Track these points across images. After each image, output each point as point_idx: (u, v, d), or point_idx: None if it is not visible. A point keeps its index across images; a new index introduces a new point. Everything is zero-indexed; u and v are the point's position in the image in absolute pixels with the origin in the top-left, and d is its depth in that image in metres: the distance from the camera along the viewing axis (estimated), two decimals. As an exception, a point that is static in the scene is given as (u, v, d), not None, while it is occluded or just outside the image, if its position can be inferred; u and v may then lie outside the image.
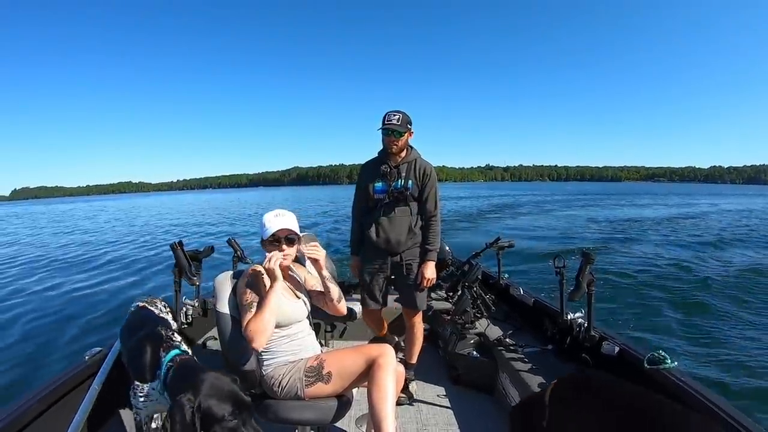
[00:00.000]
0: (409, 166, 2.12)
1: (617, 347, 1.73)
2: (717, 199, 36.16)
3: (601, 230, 14.54)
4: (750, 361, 3.98)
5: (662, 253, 9.52)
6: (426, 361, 2.74)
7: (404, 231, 2.12)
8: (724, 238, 11.95)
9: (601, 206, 27.04)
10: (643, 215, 19.98)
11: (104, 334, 4.54)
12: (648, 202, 32.39)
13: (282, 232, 1.56)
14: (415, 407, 2.21)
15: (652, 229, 14.55)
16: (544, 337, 2.31)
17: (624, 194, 49.73)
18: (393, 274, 2.22)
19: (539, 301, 2.54)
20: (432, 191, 2.15)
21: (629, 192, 60.77)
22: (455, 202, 31.39)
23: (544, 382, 1.87)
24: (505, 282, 3.00)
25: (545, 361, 2.07)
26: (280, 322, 1.55)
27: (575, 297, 1.84)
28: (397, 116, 2.02)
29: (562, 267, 2.06)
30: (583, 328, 1.93)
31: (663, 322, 5.07)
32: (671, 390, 1.44)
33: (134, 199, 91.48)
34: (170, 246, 2.13)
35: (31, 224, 25.38)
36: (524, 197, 40.49)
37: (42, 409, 1.31)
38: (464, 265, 2.84)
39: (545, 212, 22.66)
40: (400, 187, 2.10)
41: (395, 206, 2.11)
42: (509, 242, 2.90)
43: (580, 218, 19.00)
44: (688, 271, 7.59)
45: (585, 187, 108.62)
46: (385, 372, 1.43)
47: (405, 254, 2.16)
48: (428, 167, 2.16)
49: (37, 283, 7.35)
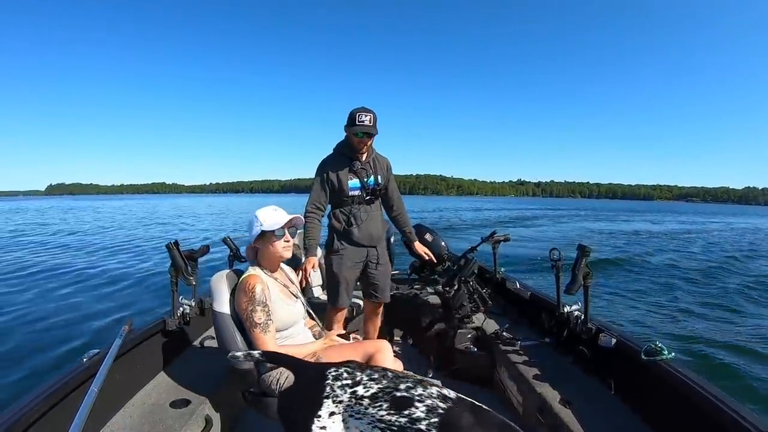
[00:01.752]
0: (375, 163, 2.21)
1: (614, 339, 1.73)
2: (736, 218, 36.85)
3: (607, 240, 14.96)
4: (748, 353, 4.02)
5: (664, 254, 9.67)
6: (424, 356, 2.75)
7: (380, 224, 2.27)
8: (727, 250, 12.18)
9: (615, 221, 28.18)
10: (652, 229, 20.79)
11: (103, 336, 4.53)
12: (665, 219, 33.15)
13: (296, 220, 1.61)
14: None
15: (657, 238, 14.91)
16: (542, 330, 2.32)
17: (645, 212, 50.43)
18: (365, 268, 2.28)
19: (536, 295, 2.55)
20: (394, 183, 2.36)
21: (652, 210, 61.35)
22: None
23: (541, 374, 1.88)
24: (501, 276, 3.01)
25: (543, 354, 2.08)
26: (279, 327, 1.55)
27: (572, 290, 1.85)
28: (368, 116, 2.00)
29: (558, 260, 2.07)
30: (580, 320, 1.94)
31: (660, 314, 5.11)
32: (668, 381, 1.44)
33: (160, 200, 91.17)
34: (166, 246, 2.12)
35: (41, 221, 25.35)
36: (552, 212, 41.27)
37: (41, 413, 1.30)
38: (460, 259, 2.84)
39: (560, 224, 24.04)
40: (374, 184, 2.20)
41: (371, 202, 2.21)
42: (505, 236, 2.90)
43: (589, 229, 20.08)
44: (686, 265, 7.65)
45: (611, 204, 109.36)
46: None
47: (380, 247, 2.28)
48: (388, 162, 2.31)
49: (36, 283, 7.32)
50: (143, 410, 1.64)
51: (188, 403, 1.69)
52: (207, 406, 1.73)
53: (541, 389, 1.74)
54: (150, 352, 1.95)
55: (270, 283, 1.55)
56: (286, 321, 1.57)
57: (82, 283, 7.37)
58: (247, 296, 1.46)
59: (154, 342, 2.00)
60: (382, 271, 2.30)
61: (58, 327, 4.93)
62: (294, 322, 1.60)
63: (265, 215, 1.55)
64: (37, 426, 1.28)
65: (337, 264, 2.19)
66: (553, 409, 1.59)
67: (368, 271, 2.28)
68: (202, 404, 1.71)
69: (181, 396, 1.74)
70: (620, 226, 23.11)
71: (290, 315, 1.58)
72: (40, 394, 1.33)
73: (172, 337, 2.12)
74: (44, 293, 6.67)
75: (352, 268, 2.22)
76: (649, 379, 1.54)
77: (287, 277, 1.71)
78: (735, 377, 3.54)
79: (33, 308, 5.74)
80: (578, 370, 1.90)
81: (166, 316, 2.10)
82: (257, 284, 1.47)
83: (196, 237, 15.15)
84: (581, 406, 1.58)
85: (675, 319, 4.96)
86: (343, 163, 2.14)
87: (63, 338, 4.55)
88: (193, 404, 1.69)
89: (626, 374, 1.67)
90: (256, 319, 1.45)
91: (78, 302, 6.14)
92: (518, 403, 1.95)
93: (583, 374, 1.86)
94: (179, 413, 1.61)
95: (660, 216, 39.18)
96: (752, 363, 3.80)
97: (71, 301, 6.22)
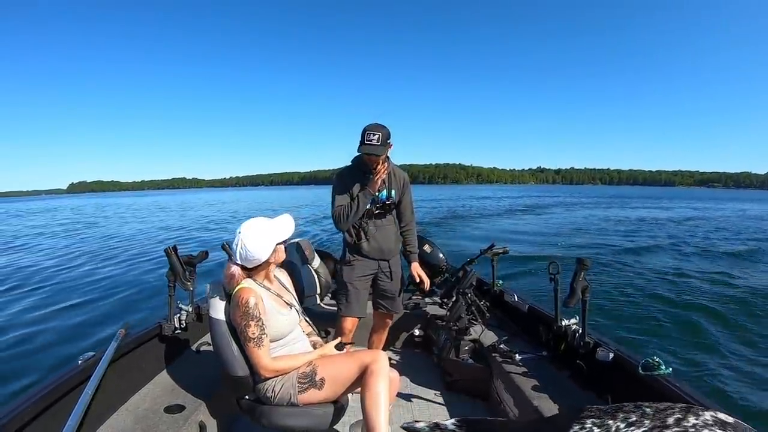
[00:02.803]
0: (390, 177, 2.21)
1: (611, 353, 1.73)
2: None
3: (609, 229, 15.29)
4: (746, 370, 3.99)
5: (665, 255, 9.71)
6: (420, 368, 2.73)
7: (393, 238, 2.28)
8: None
9: (625, 208, 28.56)
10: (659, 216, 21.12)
11: (98, 338, 4.50)
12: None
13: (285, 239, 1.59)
14: (410, 413, 2.21)
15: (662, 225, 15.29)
16: (539, 343, 2.31)
17: (663, 198, 50.33)
18: (377, 280, 2.29)
19: (534, 308, 2.55)
20: (409, 198, 2.35)
21: (669, 196, 61.27)
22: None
23: (538, 386, 1.88)
24: (499, 288, 3.01)
25: (540, 368, 2.08)
26: (276, 337, 1.54)
27: (570, 303, 1.85)
28: (376, 136, 2.01)
29: (557, 273, 2.07)
30: (578, 334, 1.94)
31: (658, 329, 5.09)
32: (665, 396, 1.44)
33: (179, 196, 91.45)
34: (164, 251, 2.13)
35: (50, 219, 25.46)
36: (568, 199, 41.70)
37: (34, 414, 1.30)
38: (459, 271, 2.84)
39: (572, 211, 24.81)
40: (387, 197, 2.21)
41: (382, 216, 2.22)
42: (503, 249, 2.91)
43: (599, 217, 20.56)
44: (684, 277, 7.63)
45: (630, 191, 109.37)
46: (378, 378, 1.43)
47: (392, 261, 2.30)
48: (405, 177, 2.31)
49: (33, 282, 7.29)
50: (137, 414, 1.63)
51: (183, 409, 1.68)
52: (201, 411, 1.72)
53: (538, 402, 1.73)
54: (145, 356, 1.95)
55: (263, 294, 1.54)
56: (282, 331, 1.56)
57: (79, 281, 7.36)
58: (241, 310, 1.44)
59: (149, 346, 1.99)
60: (395, 283, 2.31)
61: (54, 330, 4.90)
62: (290, 331, 1.60)
63: (255, 247, 1.48)
64: (29, 428, 1.27)
65: (347, 274, 2.23)
66: None
67: (379, 282, 2.30)
68: (197, 410, 1.70)
69: (175, 401, 1.73)
70: (630, 213, 23.47)
71: (286, 324, 1.58)
72: (34, 395, 1.33)
73: (168, 342, 2.11)
74: (44, 295, 6.65)
75: (362, 279, 2.23)
76: (646, 394, 1.53)
77: (281, 285, 1.71)
78: (733, 393, 3.52)
79: (30, 310, 5.72)
80: (575, 384, 1.89)
81: (162, 321, 2.10)
82: (250, 297, 1.45)
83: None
84: None
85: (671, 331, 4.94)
86: (357, 177, 2.16)
87: (58, 341, 4.53)
88: (188, 410, 1.68)
89: (623, 389, 1.66)
90: (249, 334, 1.44)
91: (77, 300, 6.13)
92: (514, 416, 1.94)
93: (580, 388, 1.85)
94: (173, 418, 1.60)
95: (675, 202, 38.94)
96: (751, 379, 3.78)
97: (71, 296, 6.22)
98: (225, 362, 1.50)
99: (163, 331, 2.06)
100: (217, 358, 1.55)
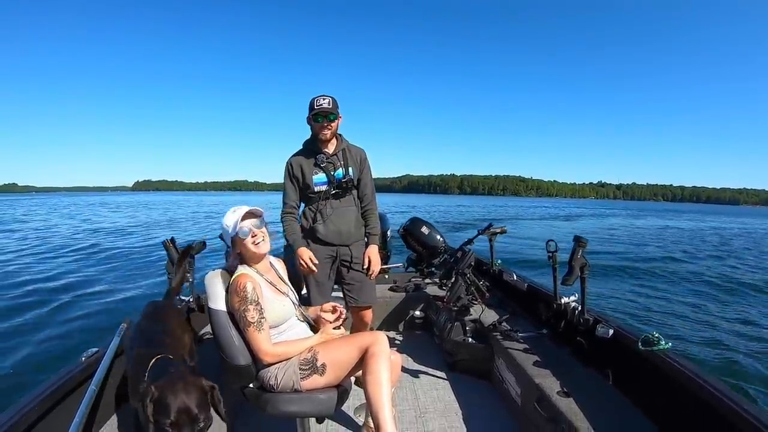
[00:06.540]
0: (345, 154, 2.08)
1: (611, 330, 1.74)
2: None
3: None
4: (744, 344, 4.05)
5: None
6: (422, 349, 2.76)
7: (352, 221, 2.10)
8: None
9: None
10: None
11: (100, 334, 4.52)
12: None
13: (252, 211, 1.55)
14: (413, 394, 2.24)
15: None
16: (539, 321, 2.33)
17: (720, 213, 49.60)
18: (340, 268, 2.14)
19: (533, 286, 2.56)
20: (369, 176, 2.16)
21: (729, 212, 60.28)
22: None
23: (539, 363, 1.90)
24: (498, 268, 3.02)
25: (540, 345, 2.09)
26: (273, 324, 1.54)
27: (568, 281, 1.85)
28: (326, 100, 1.94)
29: (555, 251, 2.07)
30: (577, 311, 1.95)
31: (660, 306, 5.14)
32: (665, 371, 1.45)
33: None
34: (162, 243, 2.12)
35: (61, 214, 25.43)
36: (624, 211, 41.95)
37: (41, 413, 1.30)
38: (457, 252, 2.84)
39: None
40: (343, 176, 2.05)
41: (341, 197, 2.08)
42: (501, 228, 2.91)
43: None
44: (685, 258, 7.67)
45: (689, 207, 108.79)
46: (379, 360, 1.44)
47: (354, 246, 2.12)
48: (363, 153, 2.15)
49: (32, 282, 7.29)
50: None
51: None
52: None
53: (539, 380, 1.75)
54: None
55: (260, 280, 1.54)
56: (279, 317, 1.56)
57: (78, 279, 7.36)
58: (239, 296, 1.45)
59: None
60: (359, 272, 2.12)
61: (56, 325, 4.92)
62: (286, 318, 1.60)
63: (227, 222, 1.53)
64: (38, 427, 1.28)
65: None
66: (551, 399, 1.60)
67: (343, 272, 2.14)
68: None
69: None
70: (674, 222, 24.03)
71: (282, 311, 1.58)
72: (40, 394, 1.33)
73: None
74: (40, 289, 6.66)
75: (320, 267, 2.04)
76: (646, 369, 1.55)
77: (276, 273, 1.71)
78: (731, 368, 3.57)
79: (31, 308, 5.72)
80: (576, 361, 1.91)
81: None
82: (248, 282, 1.47)
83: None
84: (579, 397, 1.58)
85: (672, 310, 4.99)
86: (308, 158, 2.05)
87: (60, 336, 4.55)
88: None
89: (624, 364, 1.68)
90: (249, 318, 1.45)
91: (76, 297, 6.14)
92: (516, 394, 1.97)
93: (581, 365, 1.87)
94: None
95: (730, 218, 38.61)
96: (748, 355, 3.84)
97: (69, 296, 6.22)
98: (227, 352, 1.51)
99: None
100: (218, 348, 1.55)
